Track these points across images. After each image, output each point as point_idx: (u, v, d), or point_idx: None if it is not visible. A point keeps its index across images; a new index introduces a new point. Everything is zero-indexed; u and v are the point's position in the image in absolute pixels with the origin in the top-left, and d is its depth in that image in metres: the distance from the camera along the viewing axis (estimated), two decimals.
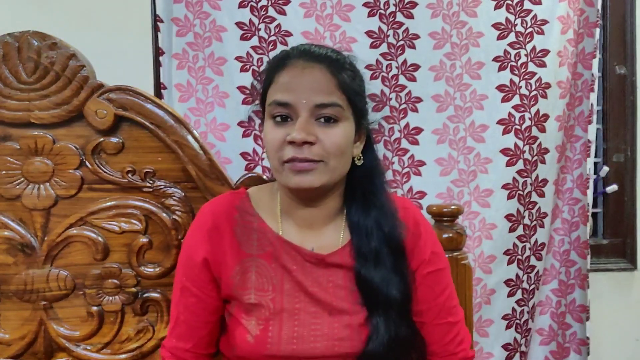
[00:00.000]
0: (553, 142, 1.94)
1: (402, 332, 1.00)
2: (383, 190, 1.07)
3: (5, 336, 1.29)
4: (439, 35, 1.87)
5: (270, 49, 1.86)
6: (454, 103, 1.88)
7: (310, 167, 0.96)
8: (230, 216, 1.06)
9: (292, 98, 0.96)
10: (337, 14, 1.86)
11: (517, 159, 1.90)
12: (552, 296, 2.03)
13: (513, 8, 1.87)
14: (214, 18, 1.85)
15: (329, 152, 0.96)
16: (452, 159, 1.89)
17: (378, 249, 1.02)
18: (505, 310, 1.96)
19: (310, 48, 1.02)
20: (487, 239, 1.92)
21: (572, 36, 1.91)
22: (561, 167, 1.98)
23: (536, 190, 1.95)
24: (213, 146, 1.85)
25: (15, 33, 1.25)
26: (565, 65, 1.91)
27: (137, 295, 1.31)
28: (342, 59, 1.02)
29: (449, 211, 1.34)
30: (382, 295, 0.99)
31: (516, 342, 1.99)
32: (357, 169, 1.05)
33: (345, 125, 0.98)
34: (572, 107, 1.97)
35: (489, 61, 1.88)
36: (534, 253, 1.97)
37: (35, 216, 1.28)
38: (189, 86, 1.85)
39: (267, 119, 1.01)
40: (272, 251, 1.04)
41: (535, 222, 1.96)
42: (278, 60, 1.02)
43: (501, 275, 1.94)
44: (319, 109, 0.96)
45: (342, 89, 0.98)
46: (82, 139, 1.28)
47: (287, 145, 0.96)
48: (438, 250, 1.11)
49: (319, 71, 0.97)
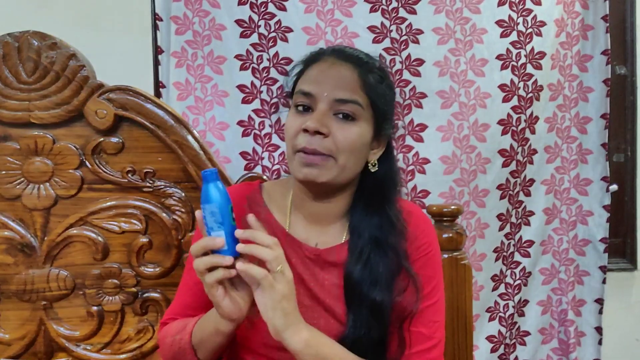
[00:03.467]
0: (542, 143, 1.97)
1: (373, 333, 0.99)
2: (392, 202, 1.05)
3: (5, 336, 1.29)
4: (442, 31, 1.87)
5: (270, 45, 1.86)
6: (459, 100, 1.88)
7: (318, 161, 0.96)
8: (240, 205, 1.05)
9: (315, 89, 0.97)
10: (339, 9, 1.85)
11: (511, 160, 1.93)
12: (552, 295, 2.05)
13: (515, 6, 1.87)
14: (213, 16, 1.84)
15: (340, 147, 0.96)
16: (456, 157, 1.89)
17: (370, 251, 1.01)
18: (489, 304, 2.00)
19: (344, 48, 1.05)
20: (480, 238, 1.95)
21: (564, 39, 1.93)
22: (556, 168, 2.00)
23: (523, 189, 1.98)
24: (212, 145, 1.84)
25: (15, 33, 1.25)
26: (556, 69, 1.94)
27: (137, 295, 1.31)
28: (372, 62, 1.03)
29: (449, 211, 1.34)
30: (362, 293, 0.99)
31: (501, 335, 2.02)
32: (370, 175, 1.04)
33: (362, 125, 0.98)
34: (566, 109, 1.98)
35: (492, 59, 1.88)
36: (518, 249, 2.01)
37: (35, 216, 1.28)
38: (187, 84, 1.85)
39: (292, 108, 1.02)
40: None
41: (520, 219, 2.00)
42: (312, 55, 1.04)
43: (489, 272, 1.99)
44: (338, 104, 0.97)
45: (365, 90, 0.99)
46: (82, 139, 1.28)
47: (301, 132, 0.96)
48: (435, 259, 1.08)
49: (345, 69, 0.99)
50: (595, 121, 1.98)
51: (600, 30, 1.94)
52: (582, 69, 1.97)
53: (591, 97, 1.98)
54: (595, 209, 2.02)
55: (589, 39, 1.95)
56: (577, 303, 2.05)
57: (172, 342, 1.00)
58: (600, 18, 1.93)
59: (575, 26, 1.94)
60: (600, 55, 1.95)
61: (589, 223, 2.03)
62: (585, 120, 1.99)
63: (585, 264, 2.04)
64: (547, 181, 2.00)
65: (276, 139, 1.89)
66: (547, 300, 2.05)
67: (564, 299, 2.04)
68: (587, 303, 2.05)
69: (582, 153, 2.00)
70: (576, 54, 1.95)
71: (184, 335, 0.98)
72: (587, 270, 2.04)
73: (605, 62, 1.95)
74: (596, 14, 1.94)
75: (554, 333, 2.06)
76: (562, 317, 2.05)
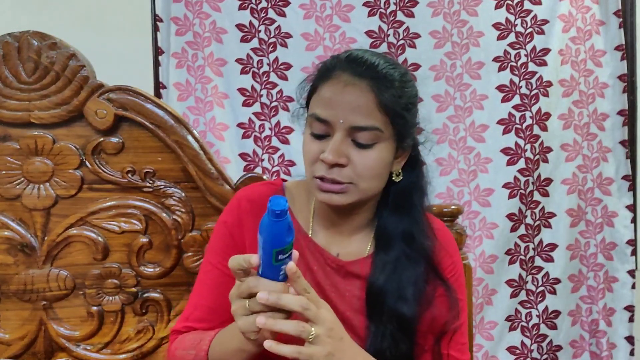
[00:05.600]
0: (557, 141, 1.92)
1: (401, 348, 0.95)
2: (419, 208, 1.02)
3: (5, 336, 1.29)
4: (439, 34, 1.87)
5: (270, 50, 1.87)
6: (454, 103, 1.88)
7: (338, 189, 0.93)
8: (263, 206, 1.03)
9: (330, 116, 0.92)
10: (337, 14, 1.86)
11: (518, 157, 1.90)
12: (581, 304, 1.97)
13: (513, 8, 1.87)
14: (214, 19, 1.85)
15: (360, 175, 0.93)
16: (452, 158, 1.89)
17: (397, 259, 0.98)
18: (509, 312, 1.94)
19: (361, 57, 0.96)
20: (488, 238, 1.91)
21: (575, 34, 1.90)
22: (578, 166, 1.94)
23: (539, 189, 1.93)
24: (212, 145, 1.85)
25: (15, 33, 1.25)
26: (568, 64, 1.90)
27: (137, 295, 1.31)
28: (390, 73, 0.95)
29: (449, 211, 1.34)
30: (387, 305, 0.95)
31: (525, 347, 1.95)
32: (395, 183, 1.01)
33: (382, 148, 0.94)
34: (584, 105, 1.93)
35: (489, 61, 1.88)
36: (538, 253, 1.94)
37: (35, 216, 1.28)
38: (187, 85, 1.86)
39: (307, 128, 0.98)
40: (297, 247, 0.99)
41: (539, 221, 1.94)
42: (325, 69, 0.97)
43: (502, 276, 1.93)
44: (355, 132, 0.92)
45: (383, 110, 0.92)
46: (82, 139, 1.28)
47: (319, 161, 0.93)
48: (460, 281, 1.06)
49: (360, 90, 0.92)
50: (612, 117, 1.93)
51: (612, 25, 1.91)
52: (597, 64, 1.93)
53: (607, 93, 1.93)
54: (619, 210, 1.94)
55: (601, 34, 1.92)
56: (608, 312, 1.95)
57: (184, 356, 0.96)
58: (612, 13, 1.90)
59: (586, 21, 1.91)
60: (614, 50, 1.91)
61: (615, 225, 1.94)
62: (603, 116, 1.94)
63: (613, 269, 1.95)
64: (569, 180, 1.94)
65: (276, 141, 1.90)
66: (577, 309, 1.96)
67: (595, 308, 1.95)
68: (617, 311, 1.95)
69: (603, 151, 1.94)
70: (590, 49, 1.92)
71: (199, 352, 0.94)
72: (615, 276, 1.95)
73: (620, 57, 1.91)
74: (607, 9, 1.91)
75: (585, 346, 1.96)
76: (593, 328, 1.96)
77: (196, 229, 1.30)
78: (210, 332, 0.96)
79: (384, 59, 0.97)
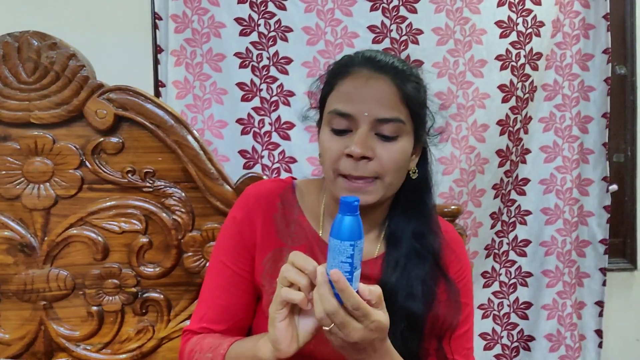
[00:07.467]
0: (537, 143, 1.97)
1: (410, 347, 0.95)
2: (429, 204, 1.03)
3: (5, 336, 1.29)
4: (442, 31, 1.86)
5: (270, 44, 1.86)
6: (457, 101, 1.88)
7: (365, 186, 0.92)
8: (273, 203, 1.03)
9: (354, 109, 0.92)
10: (339, 8, 1.85)
11: (505, 160, 1.94)
12: (557, 299, 2.02)
13: (515, 7, 1.87)
14: (212, 14, 1.84)
15: (386, 168, 0.93)
16: (455, 158, 1.88)
17: (407, 255, 0.98)
18: (481, 301, 2.01)
19: (375, 56, 0.97)
20: (474, 236, 1.95)
21: (561, 39, 1.93)
22: (557, 167, 1.99)
23: (515, 188, 1.99)
24: (210, 143, 1.84)
25: (15, 33, 1.25)
26: (552, 69, 1.94)
27: (137, 295, 1.31)
28: (408, 69, 0.98)
29: (449, 211, 1.34)
30: (397, 304, 0.95)
31: (495, 333, 2.03)
32: (408, 181, 1.00)
33: (404, 141, 0.94)
34: (566, 108, 1.97)
35: (492, 59, 1.88)
36: (513, 248, 2.01)
37: (35, 216, 1.28)
38: (186, 83, 1.85)
39: (325, 126, 0.96)
40: (307, 245, 1.01)
41: (514, 218, 2.00)
42: (341, 67, 0.98)
43: (479, 268, 1.99)
44: (380, 124, 0.92)
45: (405, 102, 0.93)
46: (82, 139, 1.28)
47: (344, 157, 0.92)
48: (468, 286, 1.07)
49: (383, 83, 0.93)
50: (597, 120, 1.98)
51: (601, 29, 1.94)
52: (584, 67, 1.96)
53: (592, 96, 1.97)
54: (595, 210, 2.01)
55: (590, 37, 1.94)
56: (578, 305, 2.03)
57: (200, 359, 0.96)
58: (601, 17, 1.92)
59: (574, 25, 1.93)
60: (602, 54, 1.94)
61: (590, 224, 2.02)
62: (586, 119, 1.98)
63: (585, 266, 2.03)
64: (546, 181, 1.99)
65: (276, 137, 1.88)
66: (553, 304, 2.02)
67: (569, 302, 2.01)
68: (587, 306, 2.03)
69: (584, 153, 1.99)
70: (577, 53, 1.95)
71: (217, 356, 0.94)
72: (587, 272, 2.03)
73: (606, 60, 1.94)
74: (597, 13, 1.93)
75: (561, 340, 2.02)
76: (568, 322, 2.01)
77: (196, 229, 1.30)
78: (227, 339, 0.96)
79: (396, 58, 0.99)
